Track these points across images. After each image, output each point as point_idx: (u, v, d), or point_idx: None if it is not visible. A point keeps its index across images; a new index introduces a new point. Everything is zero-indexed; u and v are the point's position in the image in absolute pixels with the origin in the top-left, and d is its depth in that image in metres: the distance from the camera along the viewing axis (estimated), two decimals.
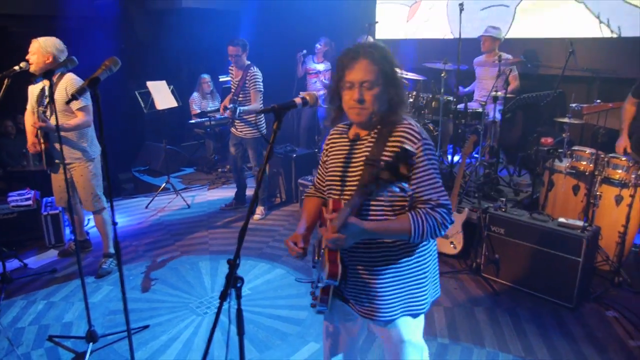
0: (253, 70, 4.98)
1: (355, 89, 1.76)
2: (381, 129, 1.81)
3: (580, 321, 3.48)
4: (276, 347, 3.19)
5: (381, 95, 1.77)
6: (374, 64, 1.75)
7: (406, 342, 1.93)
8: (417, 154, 1.73)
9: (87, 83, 2.03)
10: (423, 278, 1.91)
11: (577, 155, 4.15)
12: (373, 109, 1.77)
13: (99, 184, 4.00)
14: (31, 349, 3.15)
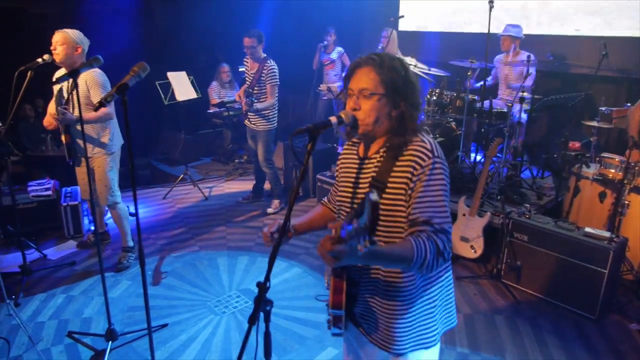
0: (270, 63, 4.90)
1: (354, 96, 1.66)
2: (390, 147, 1.69)
3: (603, 334, 3.41)
4: (294, 351, 3.18)
5: (382, 107, 1.64)
6: (375, 72, 1.63)
7: None
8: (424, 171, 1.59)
9: (115, 90, 1.99)
10: (431, 308, 1.79)
11: (606, 163, 4.04)
12: (369, 120, 1.65)
13: (114, 177, 3.99)
14: (51, 344, 3.17)
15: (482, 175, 4.22)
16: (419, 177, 1.60)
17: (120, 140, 4.01)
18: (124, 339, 3.21)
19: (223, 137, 7.66)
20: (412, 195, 1.60)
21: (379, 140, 1.74)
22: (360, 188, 1.77)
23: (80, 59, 3.58)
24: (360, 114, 1.65)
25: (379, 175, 1.68)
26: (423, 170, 1.60)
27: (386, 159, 1.69)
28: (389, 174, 1.66)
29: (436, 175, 1.61)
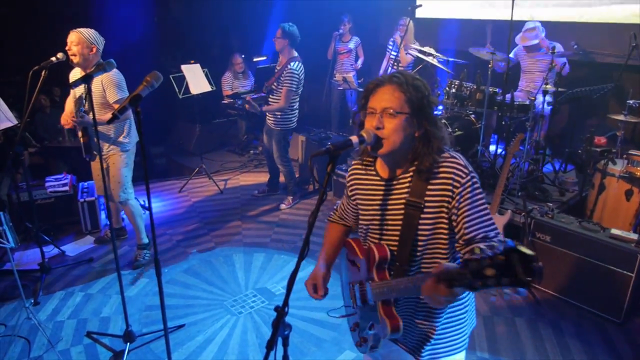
0: (292, 66, 4.77)
1: (376, 115, 1.59)
2: (419, 166, 1.65)
3: (628, 338, 3.32)
4: (311, 354, 3.15)
5: (406, 127, 1.59)
6: (399, 91, 1.58)
7: None
8: (465, 188, 1.59)
9: (128, 101, 1.94)
10: (463, 313, 1.83)
11: (634, 160, 3.89)
12: (394, 140, 1.59)
13: (128, 174, 3.97)
14: (70, 345, 3.20)
15: (503, 171, 4.10)
16: (461, 195, 1.60)
17: (136, 137, 3.98)
18: (142, 340, 3.22)
19: (238, 127, 7.61)
20: (459, 214, 1.60)
21: (404, 161, 1.68)
22: (389, 210, 1.72)
23: (95, 59, 3.54)
24: (385, 133, 1.59)
25: (413, 196, 1.65)
26: (464, 187, 1.60)
27: (417, 179, 1.65)
28: (424, 195, 1.63)
29: (476, 190, 1.62)
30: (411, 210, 1.65)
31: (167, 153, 7.13)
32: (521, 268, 1.04)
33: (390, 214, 1.72)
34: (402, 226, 1.68)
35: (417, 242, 1.67)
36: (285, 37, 4.74)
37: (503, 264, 1.07)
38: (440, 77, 5.76)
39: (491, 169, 4.88)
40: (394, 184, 1.71)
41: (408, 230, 1.67)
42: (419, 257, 1.70)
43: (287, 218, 5.11)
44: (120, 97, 3.64)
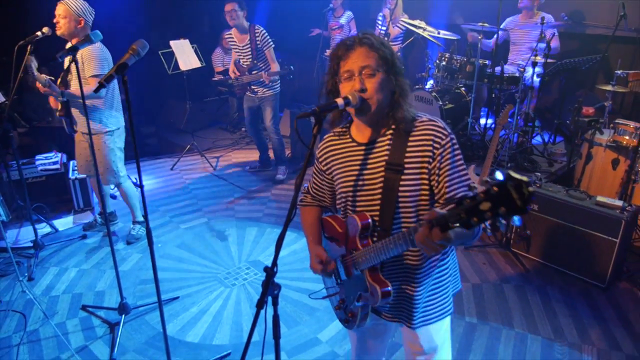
0: (259, 28, 4.78)
1: (355, 78, 1.59)
2: (396, 129, 1.66)
3: (612, 302, 3.41)
4: (304, 323, 3.22)
5: (386, 84, 1.61)
6: (372, 50, 1.59)
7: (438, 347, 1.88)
8: (446, 149, 1.61)
9: (114, 70, 1.93)
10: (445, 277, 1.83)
11: (621, 129, 3.94)
12: (378, 98, 1.60)
13: (115, 159, 3.90)
14: (66, 318, 3.24)
15: (492, 142, 4.13)
16: (442, 156, 1.61)
17: (120, 121, 3.90)
18: (136, 312, 3.27)
19: (229, 105, 7.58)
20: (440, 174, 1.61)
21: (385, 120, 1.68)
22: (369, 175, 1.71)
23: (83, 32, 3.47)
24: (369, 94, 1.59)
25: (393, 157, 1.65)
26: (444, 148, 1.61)
27: (396, 141, 1.65)
28: (404, 156, 1.63)
29: (456, 151, 1.64)
30: (391, 173, 1.65)
31: (158, 132, 7.10)
32: (517, 195, 1.04)
33: (370, 179, 1.70)
34: (383, 189, 1.67)
35: (399, 205, 1.66)
36: (242, 8, 4.73)
37: (497, 194, 1.07)
38: (431, 51, 5.74)
39: (481, 141, 4.92)
40: (373, 147, 1.70)
41: (389, 193, 1.66)
42: (401, 221, 1.68)
43: (279, 193, 5.14)
44: (98, 73, 3.54)
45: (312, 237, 1.96)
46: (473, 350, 2.99)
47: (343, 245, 1.80)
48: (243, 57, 4.96)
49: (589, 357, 2.93)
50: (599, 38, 5.23)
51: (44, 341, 3.03)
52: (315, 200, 2.02)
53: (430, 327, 1.84)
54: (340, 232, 1.82)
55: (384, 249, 1.60)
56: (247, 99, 5.18)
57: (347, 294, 1.87)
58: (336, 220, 1.89)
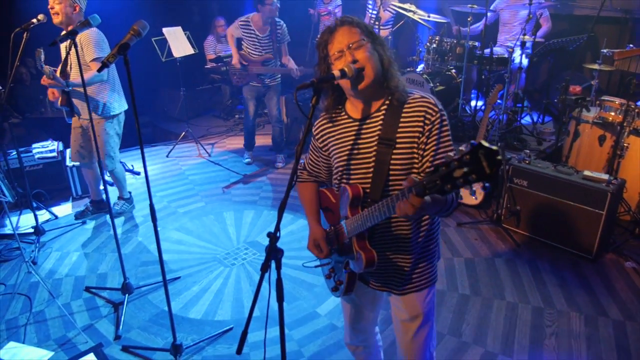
0: (281, 23, 4.94)
1: (346, 52, 1.68)
2: (390, 103, 1.74)
3: (599, 272, 3.54)
4: (303, 298, 3.32)
5: (374, 51, 1.70)
6: (354, 27, 1.70)
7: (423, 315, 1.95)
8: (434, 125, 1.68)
9: (116, 50, 2.00)
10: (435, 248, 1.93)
11: (607, 106, 4.05)
12: (372, 65, 1.67)
13: (114, 145, 4.00)
14: (70, 299, 3.32)
15: (482, 122, 4.24)
16: (431, 131, 1.68)
17: (122, 105, 3.98)
18: (139, 292, 3.36)
19: (222, 93, 7.61)
20: (426, 149, 1.68)
21: (377, 95, 1.75)
22: (363, 149, 1.78)
23: (78, 18, 3.52)
24: (362, 62, 1.65)
25: (385, 132, 1.72)
26: (433, 124, 1.68)
27: (389, 116, 1.73)
28: (396, 131, 1.70)
29: (445, 128, 1.71)
30: (383, 147, 1.72)
31: (152, 121, 7.13)
32: (486, 162, 1.12)
33: (363, 152, 1.78)
34: (375, 162, 1.74)
35: (390, 178, 1.73)
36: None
37: (469, 162, 1.16)
38: (421, 34, 5.81)
39: (472, 122, 5.02)
40: (367, 122, 1.77)
41: (380, 166, 1.73)
42: (391, 194, 1.71)
43: (275, 177, 5.22)
44: (98, 56, 3.61)
45: (311, 216, 2.04)
46: (466, 320, 3.10)
47: (337, 215, 1.89)
48: (259, 47, 4.97)
49: (577, 323, 3.06)
50: (586, 18, 5.33)
51: (50, 321, 3.10)
52: (312, 176, 2.09)
53: (416, 295, 1.92)
54: (334, 203, 1.91)
55: (370, 216, 1.67)
56: (251, 89, 5.18)
57: (336, 263, 1.97)
58: (331, 191, 1.98)
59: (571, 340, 2.94)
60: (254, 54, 5.00)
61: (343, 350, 2.85)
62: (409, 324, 1.98)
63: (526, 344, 2.91)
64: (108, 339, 2.96)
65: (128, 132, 5.39)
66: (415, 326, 1.97)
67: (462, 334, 2.99)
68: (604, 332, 2.99)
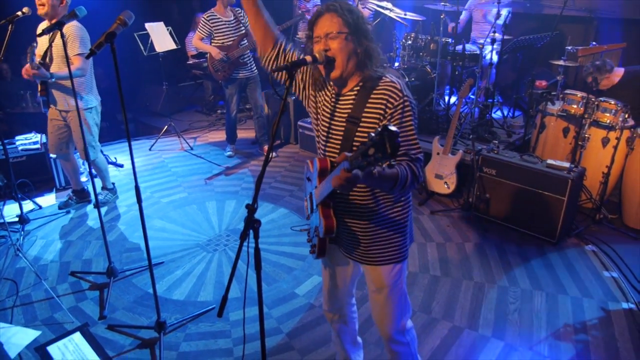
0: (240, 9, 5.10)
1: (322, 40, 1.82)
2: (363, 86, 1.86)
3: (561, 254, 3.77)
4: (283, 280, 3.48)
5: (348, 44, 1.80)
6: (336, 16, 1.80)
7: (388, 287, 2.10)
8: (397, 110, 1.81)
9: (103, 38, 2.12)
10: (403, 227, 2.06)
11: (569, 99, 4.29)
12: (342, 57, 1.80)
13: (95, 134, 4.12)
14: (56, 283, 3.42)
15: (454, 115, 4.45)
16: (392, 116, 1.81)
17: (97, 97, 4.10)
18: (123, 276, 3.47)
19: (204, 88, 7.71)
20: None
21: (352, 78, 1.90)
22: (335, 124, 1.94)
23: (64, 11, 3.62)
24: (332, 52, 1.81)
25: (354, 111, 1.87)
26: (395, 109, 1.81)
27: (359, 96, 1.87)
28: (363, 110, 1.85)
29: (407, 113, 1.83)
30: (350, 124, 1.88)
31: (135, 117, 7.20)
32: (389, 143, 1.30)
33: (335, 127, 1.94)
34: (342, 139, 1.91)
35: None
36: None
37: (379, 142, 1.32)
38: (398, 32, 6.01)
39: (445, 116, 5.22)
40: (341, 99, 1.94)
41: (346, 142, 1.89)
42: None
43: (255, 169, 5.36)
44: (82, 51, 3.72)
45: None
46: (436, 299, 3.30)
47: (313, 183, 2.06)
48: (231, 30, 5.12)
49: (539, 300, 3.27)
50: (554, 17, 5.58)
51: (37, 304, 3.21)
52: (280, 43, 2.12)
53: (381, 268, 2.07)
54: (312, 173, 2.08)
55: (322, 187, 1.86)
56: (238, 81, 5.30)
57: (312, 227, 2.15)
58: (312, 162, 2.12)
59: (533, 315, 3.15)
60: (228, 39, 5.14)
61: (320, 327, 3.02)
62: (376, 295, 2.16)
63: (491, 319, 3.11)
64: (94, 319, 3.08)
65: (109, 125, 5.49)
66: (382, 297, 2.13)
67: (431, 311, 3.18)
68: (563, 308, 3.21)
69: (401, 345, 2.23)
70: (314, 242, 2.14)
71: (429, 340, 2.93)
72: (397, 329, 2.19)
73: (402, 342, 2.22)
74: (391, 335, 2.19)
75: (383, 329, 2.22)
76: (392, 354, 2.27)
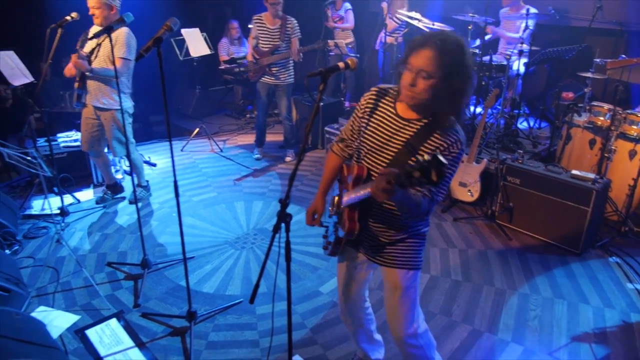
0: (292, 19, 5.23)
1: (413, 73, 1.81)
2: (434, 121, 1.90)
3: (584, 265, 3.79)
4: (307, 278, 3.60)
5: (436, 89, 1.80)
6: (436, 56, 1.76)
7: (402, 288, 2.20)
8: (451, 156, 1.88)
9: (151, 43, 2.30)
10: (424, 238, 2.19)
11: (596, 111, 4.31)
12: (422, 98, 1.83)
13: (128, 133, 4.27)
14: (94, 272, 3.62)
15: (480, 124, 4.51)
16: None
17: (131, 100, 4.31)
18: (156, 268, 3.65)
19: (234, 93, 7.93)
20: None
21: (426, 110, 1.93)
22: (391, 143, 2.00)
23: (115, 17, 3.86)
24: (416, 91, 1.84)
25: (414, 140, 1.94)
26: (450, 154, 1.90)
27: (425, 129, 1.93)
28: (423, 143, 1.92)
29: (456, 163, 1.94)
30: (407, 150, 1.94)
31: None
32: (435, 172, 1.42)
33: (388, 147, 2.00)
34: (392, 160, 1.98)
35: None
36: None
37: (426, 169, 1.44)
38: None
39: (471, 125, 5.29)
40: (406, 124, 1.97)
41: (395, 163, 1.95)
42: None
43: (283, 172, 5.51)
44: (125, 56, 3.95)
45: (322, 186, 2.34)
46: (457, 302, 3.37)
47: (344, 185, 2.18)
48: (270, 39, 5.28)
49: (560, 308, 3.31)
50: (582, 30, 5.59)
51: (76, 290, 3.40)
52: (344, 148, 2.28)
53: (397, 271, 2.18)
54: (345, 176, 2.20)
55: (354, 191, 1.97)
56: (263, 86, 5.48)
57: (334, 225, 2.27)
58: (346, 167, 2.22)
59: (553, 322, 3.19)
60: (264, 45, 5.31)
61: (342, 324, 3.10)
62: (390, 296, 2.27)
63: (511, 324, 3.16)
64: (128, 306, 3.25)
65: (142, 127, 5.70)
66: (395, 298, 2.24)
67: (452, 314, 3.25)
68: (584, 317, 3.24)
69: (414, 348, 2.32)
70: (330, 240, 2.27)
71: (448, 342, 3.00)
72: (408, 332, 2.27)
73: (414, 345, 2.30)
74: (402, 338, 2.28)
75: (395, 331, 2.31)
76: (406, 355, 2.37)
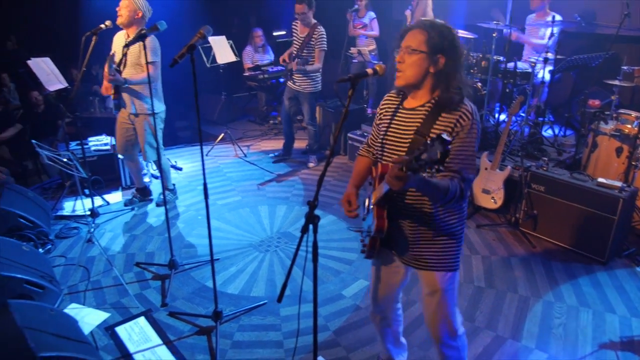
0: (320, 29, 5.26)
1: (400, 52, 1.95)
2: (436, 104, 1.96)
3: (610, 274, 3.75)
4: (330, 282, 3.64)
5: (421, 63, 1.90)
6: (422, 33, 1.90)
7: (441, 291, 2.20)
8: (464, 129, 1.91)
9: (186, 50, 2.39)
10: (459, 237, 2.17)
11: (623, 119, 4.27)
12: (409, 75, 1.93)
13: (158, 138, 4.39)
14: (123, 272, 3.72)
15: (504, 131, 4.50)
16: (457, 134, 1.92)
17: (163, 104, 4.44)
18: (182, 269, 3.74)
19: (258, 99, 8.06)
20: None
21: (425, 94, 2.02)
22: (402, 136, 2.06)
23: (138, 23, 4.00)
24: (403, 66, 1.95)
25: (422, 127, 1.98)
26: (462, 129, 1.93)
27: (431, 113, 1.98)
28: (431, 127, 1.96)
29: (472, 133, 1.94)
30: (418, 138, 1.98)
31: (192, 124, 7.61)
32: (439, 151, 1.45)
33: (401, 139, 2.06)
34: (407, 151, 2.01)
35: None
36: (310, 7, 5.18)
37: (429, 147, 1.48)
38: None
39: (495, 132, 5.27)
40: (412, 114, 2.05)
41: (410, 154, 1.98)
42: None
43: (306, 177, 5.57)
44: (155, 59, 4.08)
45: (352, 181, 2.36)
46: (480, 309, 3.36)
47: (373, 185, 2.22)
48: (296, 45, 5.41)
49: (585, 317, 3.28)
50: (609, 37, 5.54)
51: (106, 289, 3.51)
52: (369, 152, 2.36)
53: (435, 273, 2.18)
54: (373, 177, 2.24)
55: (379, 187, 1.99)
56: (287, 89, 5.65)
57: (367, 227, 2.29)
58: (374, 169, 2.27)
59: (578, 331, 3.16)
60: (293, 50, 5.44)
61: (365, 327, 3.15)
62: (429, 298, 2.27)
63: (535, 332, 3.14)
64: (156, 305, 3.35)
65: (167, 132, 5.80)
66: (435, 300, 2.24)
67: (475, 320, 3.25)
68: (610, 326, 3.20)
69: (451, 349, 2.32)
70: (365, 242, 2.30)
71: (471, 347, 2.99)
72: (448, 333, 2.28)
73: (452, 346, 2.31)
74: (442, 339, 2.29)
75: (435, 332, 2.31)
76: (442, 356, 2.36)
